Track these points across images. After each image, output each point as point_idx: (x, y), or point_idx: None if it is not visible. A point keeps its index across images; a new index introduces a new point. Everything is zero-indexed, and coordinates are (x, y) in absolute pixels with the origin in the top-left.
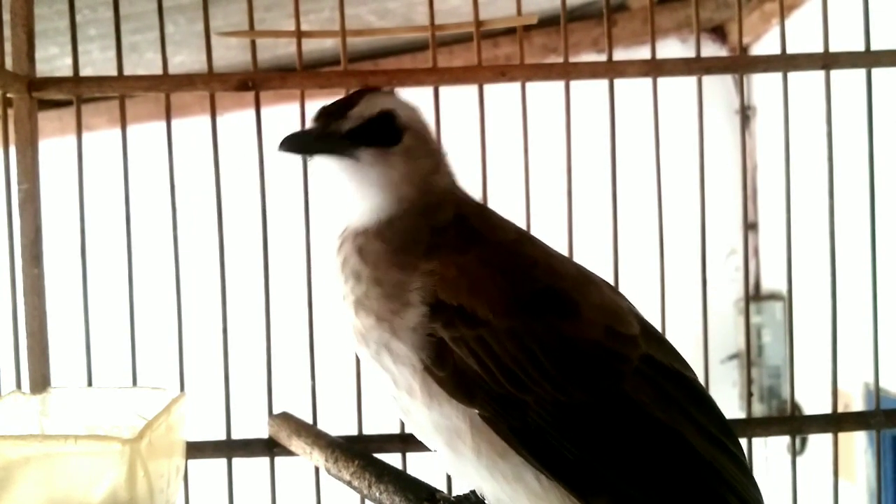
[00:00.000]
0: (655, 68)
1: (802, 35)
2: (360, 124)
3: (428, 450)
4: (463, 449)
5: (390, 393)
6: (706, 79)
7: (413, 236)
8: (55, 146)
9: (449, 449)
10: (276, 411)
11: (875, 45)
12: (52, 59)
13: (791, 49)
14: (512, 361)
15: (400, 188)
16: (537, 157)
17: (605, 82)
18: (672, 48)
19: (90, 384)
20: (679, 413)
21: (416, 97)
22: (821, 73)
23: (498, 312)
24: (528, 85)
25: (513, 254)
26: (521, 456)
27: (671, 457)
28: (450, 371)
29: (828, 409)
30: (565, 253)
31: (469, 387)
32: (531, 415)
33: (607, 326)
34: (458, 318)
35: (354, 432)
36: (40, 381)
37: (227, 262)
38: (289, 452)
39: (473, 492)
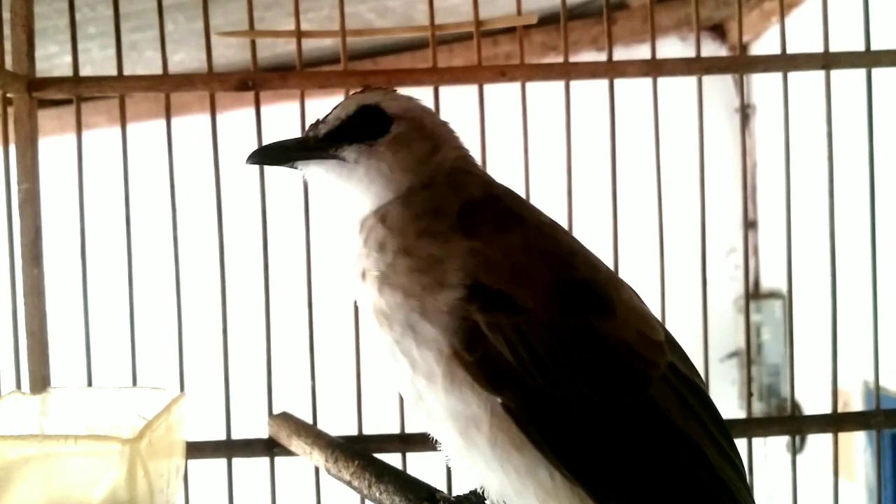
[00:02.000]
0: (655, 68)
1: (802, 34)
2: (337, 125)
3: (428, 450)
4: (478, 438)
5: (404, 377)
6: (706, 78)
7: (441, 203)
8: (54, 145)
9: (462, 438)
10: (276, 411)
11: (875, 45)
12: (52, 58)
13: (791, 47)
14: (547, 354)
15: (394, 177)
16: (537, 156)
17: (605, 82)
18: (671, 46)
19: (90, 384)
20: (697, 424)
21: (416, 97)
22: (821, 73)
23: (538, 302)
24: (528, 85)
25: (554, 240)
26: (541, 451)
27: (688, 466)
28: (479, 357)
29: (827, 407)
30: None
31: (498, 375)
32: (558, 410)
33: (639, 329)
34: (496, 304)
35: (354, 432)
36: (40, 381)
37: (227, 261)
38: (289, 452)
39: (474, 492)
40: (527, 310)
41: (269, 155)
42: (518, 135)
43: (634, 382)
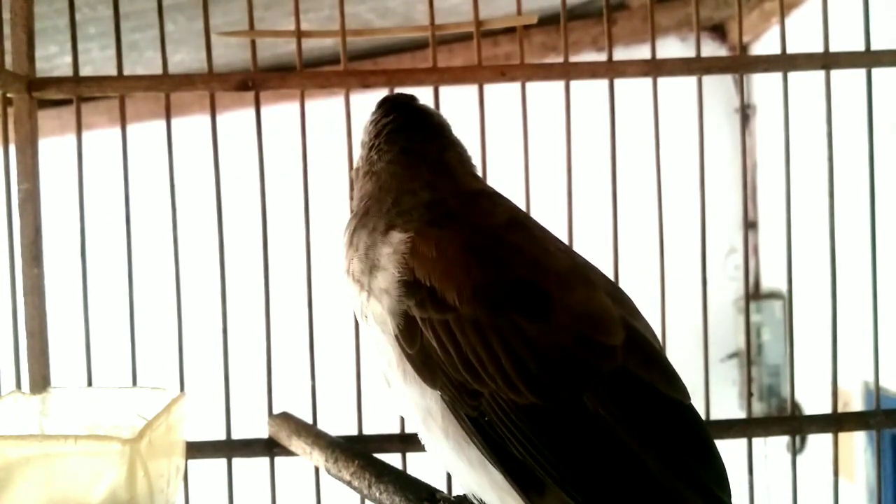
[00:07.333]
0: (655, 68)
1: (802, 34)
2: None
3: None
4: (434, 429)
5: (378, 364)
6: (706, 78)
7: (377, 207)
8: (55, 145)
9: (424, 428)
10: (276, 411)
11: (875, 45)
12: (52, 58)
13: (791, 48)
14: (471, 352)
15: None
16: (537, 156)
17: (605, 82)
18: (672, 47)
19: (90, 384)
20: (641, 434)
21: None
22: (821, 73)
23: (465, 300)
24: (528, 85)
25: (495, 239)
26: (475, 445)
27: (622, 478)
28: (418, 349)
29: (827, 408)
30: None
31: (432, 368)
32: (485, 407)
33: (579, 332)
34: (429, 300)
35: (354, 432)
36: (40, 381)
37: (227, 261)
38: (289, 452)
39: None
40: (455, 307)
41: None
42: (518, 135)
43: (564, 387)
